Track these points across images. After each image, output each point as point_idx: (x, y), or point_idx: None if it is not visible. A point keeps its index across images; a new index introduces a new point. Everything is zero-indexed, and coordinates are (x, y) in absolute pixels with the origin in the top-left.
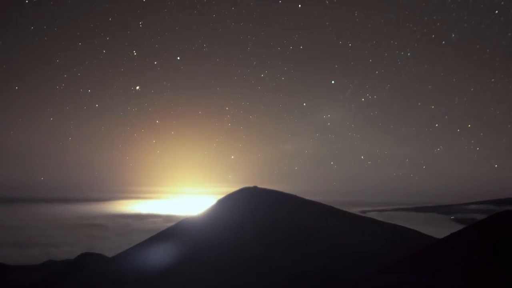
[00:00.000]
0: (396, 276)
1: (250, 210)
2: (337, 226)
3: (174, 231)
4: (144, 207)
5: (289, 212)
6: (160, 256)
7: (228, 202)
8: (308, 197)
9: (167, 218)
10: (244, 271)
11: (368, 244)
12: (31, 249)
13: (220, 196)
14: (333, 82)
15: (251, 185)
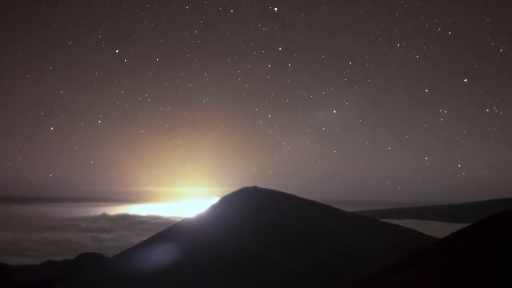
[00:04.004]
0: (396, 276)
1: (250, 210)
2: (337, 225)
3: (174, 231)
4: (144, 208)
5: (288, 212)
6: (160, 256)
7: (228, 202)
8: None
9: (167, 218)
10: (244, 271)
11: (368, 244)
12: (31, 249)
13: (220, 196)
14: (465, 80)
15: (251, 185)
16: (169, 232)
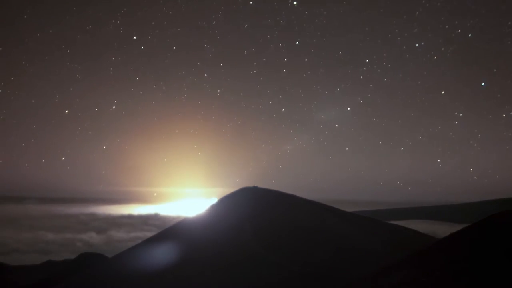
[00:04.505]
0: (396, 276)
1: (250, 209)
2: (337, 225)
3: (174, 231)
4: (144, 208)
5: (288, 212)
6: (160, 255)
7: (228, 202)
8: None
9: (168, 218)
10: (244, 270)
11: (368, 244)
12: (32, 249)
13: (221, 196)
14: (483, 84)
15: (251, 185)
16: (169, 232)
